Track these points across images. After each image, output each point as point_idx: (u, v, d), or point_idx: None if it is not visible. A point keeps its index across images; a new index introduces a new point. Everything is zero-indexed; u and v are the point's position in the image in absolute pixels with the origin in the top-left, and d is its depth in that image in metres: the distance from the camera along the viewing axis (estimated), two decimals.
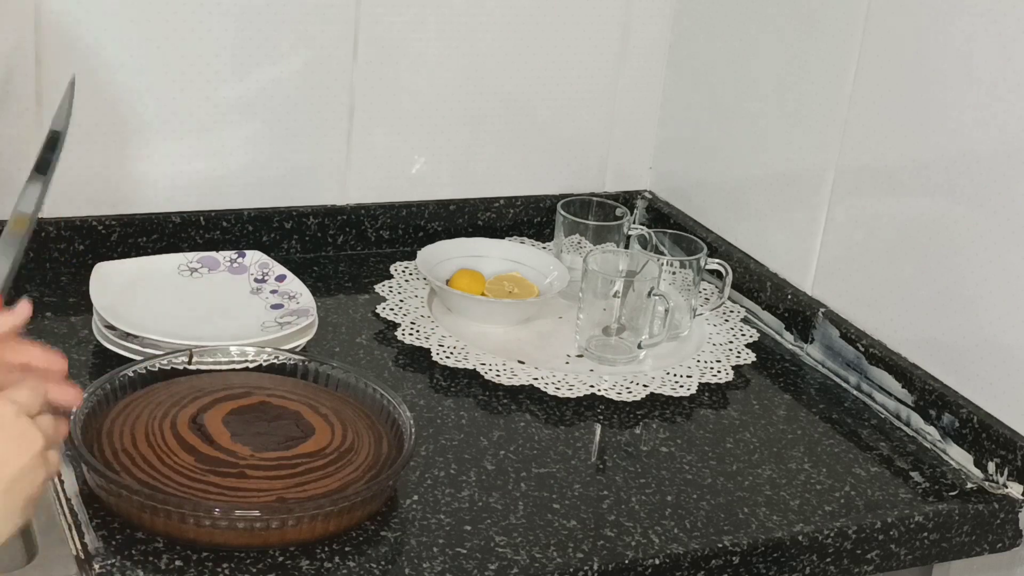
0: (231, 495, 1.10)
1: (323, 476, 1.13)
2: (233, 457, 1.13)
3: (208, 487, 1.10)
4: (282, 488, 1.11)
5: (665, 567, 1.15)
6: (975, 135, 1.32)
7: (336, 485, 1.13)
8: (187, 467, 1.12)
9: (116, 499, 1.10)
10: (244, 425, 1.17)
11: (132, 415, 1.19)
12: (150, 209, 1.57)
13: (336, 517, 1.10)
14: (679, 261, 1.52)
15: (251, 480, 1.11)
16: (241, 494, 1.10)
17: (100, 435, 1.16)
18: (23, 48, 1.46)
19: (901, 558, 1.25)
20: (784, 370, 1.51)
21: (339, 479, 1.14)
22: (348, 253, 1.67)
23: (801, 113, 1.55)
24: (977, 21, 1.31)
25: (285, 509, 1.08)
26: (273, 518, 1.07)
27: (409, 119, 1.66)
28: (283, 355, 1.30)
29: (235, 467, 1.12)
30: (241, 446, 1.14)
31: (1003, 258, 1.30)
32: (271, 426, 1.18)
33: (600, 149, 1.78)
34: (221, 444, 1.15)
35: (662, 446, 1.33)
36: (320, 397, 1.25)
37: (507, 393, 1.38)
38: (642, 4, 1.73)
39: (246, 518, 1.07)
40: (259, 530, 1.08)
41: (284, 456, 1.14)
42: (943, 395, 1.36)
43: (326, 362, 1.29)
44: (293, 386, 1.26)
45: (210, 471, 1.12)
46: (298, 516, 1.08)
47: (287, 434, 1.17)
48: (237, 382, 1.25)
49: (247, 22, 1.54)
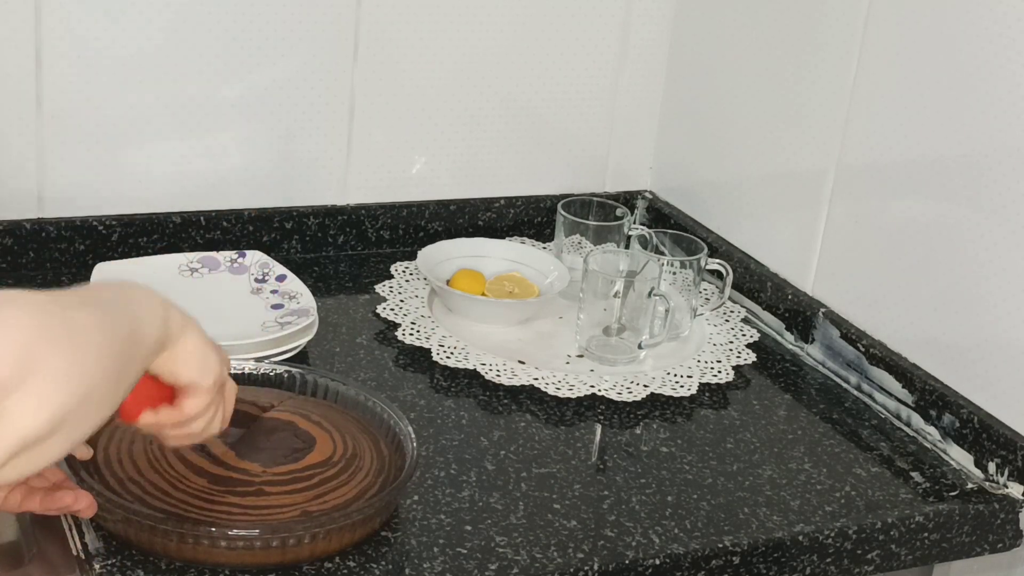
0: (256, 514, 1.08)
1: (339, 485, 1.12)
2: (246, 475, 1.11)
3: (230, 508, 1.08)
4: (304, 502, 1.10)
5: (665, 567, 1.15)
6: (975, 135, 1.32)
7: (354, 493, 1.12)
8: (203, 490, 1.09)
9: (142, 531, 1.06)
10: (244, 441, 1.15)
11: (124, 440, 1.14)
12: (150, 209, 1.57)
13: (361, 526, 1.10)
14: (679, 261, 1.52)
15: (271, 497, 1.09)
16: (266, 512, 1.08)
17: (99, 466, 1.11)
18: (23, 48, 1.46)
19: (901, 558, 1.25)
20: (784, 370, 1.51)
21: (354, 487, 1.13)
22: (348, 253, 1.67)
23: (801, 113, 1.55)
24: (977, 21, 1.31)
25: (319, 523, 1.06)
26: (306, 533, 1.06)
27: (409, 119, 1.66)
28: (251, 364, 1.27)
29: (252, 485, 1.10)
30: (250, 463, 1.13)
31: (1003, 258, 1.30)
32: (271, 440, 1.16)
33: (600, 149, 1.79)
34: (230, 463, 1.12)
35: (662, 446, 1.33)
36: (307, 405, 1.23)
37: (507, 393, 1.38)
38: (642, 4, 1.73)
39: (293, 535, 1.05)
40: (292, 547, 1.06)
41: (296, 469, 1.13)
42: (943, 395, 1.36)
43: (303, 368, 1.28)
44: (277, 397, 1.24)
45: (227, 491, 1.09)
46: (328, 529, 1.07)
47: (290, 446, 1.16)
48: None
49: (247, 22, 1.54)
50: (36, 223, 1.52)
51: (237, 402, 1.15)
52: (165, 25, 1.51)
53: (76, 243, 1.53)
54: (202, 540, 1.05)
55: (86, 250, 1.54)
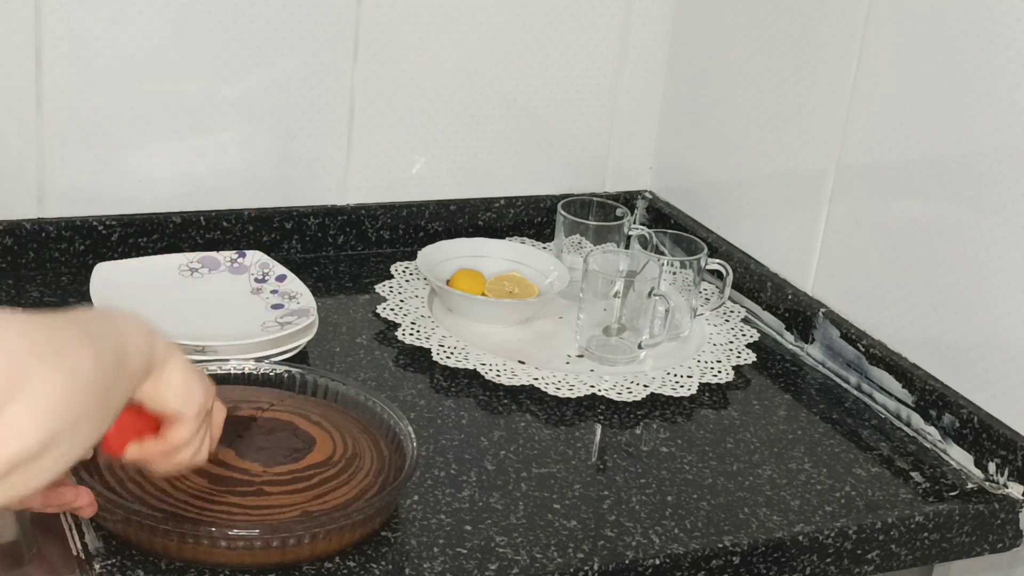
0: (256, 513, 1.08)
1: (340, 485, 1.12)
2: (247, 475, 1.11)
3: (230, 507, 1.08)
4: (304, 502, 1.10)
5: (665, 567, 1.15)
6: (975, 135, 1.32)
7: (354, 493, 1.12)
8: (203, 490, 1.09)
9: (142, 531, 1.06)
10: (244, 441, 1.15)
11: None
12: (150, 209, 1.57)
13: (361, 526, 1.10)
14: (679, 261, 1.52)
15: (271, 496, 1.10)
16: (266, 511, 1.08)
17: (99, 466, 1.11)
18: (23, 48, 1.46)
19: (901, 558, 1.25)
20: (784, 370, 1.51)
21: (354, 487, 1.13)
22: (348, 253, 1.67)
23: (801, 113, 1.55)
24: (977, 21, 1.31)
25: (319, 523, 1.06)
26: (306, 533, 1.06)
27: (409, 119, 1.66)
28: (251, 364, 1.27)
29: (252, 485, 1.10)
30: (250, 463, 1.13)
31: (1003, 258, 1.30)
32: (271, 439, 1.16)
33: (600, 149, 1.78)
34: (230, 463, 1.12)
35: (662, 446, 1.33)
36: (307, 405, 1.23)
37: (507, 393, 1.38)
38: (642, 4, 1.73)
39: (294, 535, 1.05)
40: (292, 547, 1.06)
41: (296, 469, 1.13)
42: (943, 395, 1.36)
43: (303, 368, 1.28)
44: (278, 396, 1.24)
45: (227, 491, 1.09)
46: (328, 529, 1.07)
47: (290, 446, 1.16)
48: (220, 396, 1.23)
49: (247, 22, 1.54)
50: (36, 223, 1.52)
51: (239, 405, 1.16)
52: (165, 25, 1.51)
53: (76, 243, 1.53)
54: (202, 540, 1.05)
55: (86, 250, 1.54)
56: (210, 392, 0.97)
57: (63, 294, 1.48)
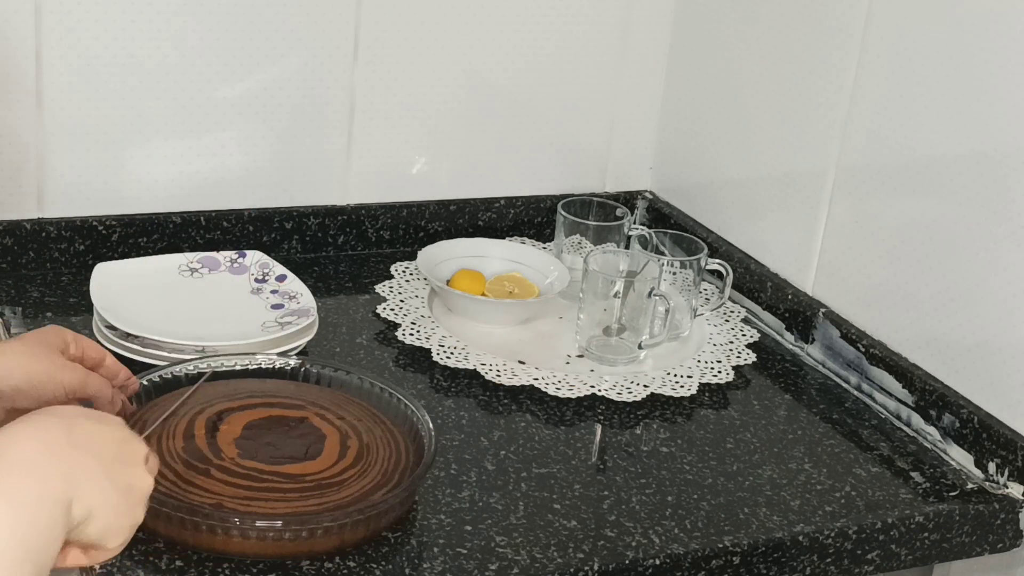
0: (265, 507, 1.08)
1: (358, 476, 1.13)
2: (255, 473, 1.12)
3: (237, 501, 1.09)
4: (313, 498, 1.10)
5: (665, 567, 1.15)
6: (975, 135, 1.32)
7: (368, 488, 1.13)
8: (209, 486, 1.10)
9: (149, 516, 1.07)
10: (250, 439, 1.15)
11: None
12: (150, 209, 1.57)
13: (364, 525, 1.10)
14: (679, 261, 1.52)
15: (276, 493, 1.10)
16: (276, 506, 1.09)
17: None
18: (23, 48, 1.46)
19: (901, 558, 1.25)
20: (784, 370, 1.51)
21: (371, 479, 1.13)
22: (348, 253, 1.67)
23: (801, 113, 1.55)
24: (978, 21, 1.31)
25: (346, 514, 1.07)
26: (334, 524, 1.07)
27: (409, 119, 1.66)
28: (280, 360, 1.28)
29: (261, 482, 1.11)
30: (256, 462, 1.13)
31: (1003, 258, 1.30)
32: (279, 436, 1.16)
33: (600, 149, 1.79)
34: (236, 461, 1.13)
35: (662, 446, 1.33)
36: (322, 399, 1.24)
37: (507, 393, 1.38)
38: (642, 4, 1.73)
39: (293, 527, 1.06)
40: (304, 539, 1.07)
41: (305, 467, 1.13)
42: (943, 395, 1.36)
43: (327, 364, 1.28)
44: (296, 390, 1.25)
45: (235, 487, 1.10)
46: (355, 520, 1.08)
47: (300, 443, 1.16)
48: (243, 389, 1.23)
49: (247, 22, 1.54)
50: (36, 223, 1.52)
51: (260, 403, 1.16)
52: (165, 25, 1.51)
53: (76, 243, 1.53)
54: (217, 530, 1.05)
55: (86, 250, 1.54)
56: (138, 517, 0.92)
57: (63, 294, 1.48)
